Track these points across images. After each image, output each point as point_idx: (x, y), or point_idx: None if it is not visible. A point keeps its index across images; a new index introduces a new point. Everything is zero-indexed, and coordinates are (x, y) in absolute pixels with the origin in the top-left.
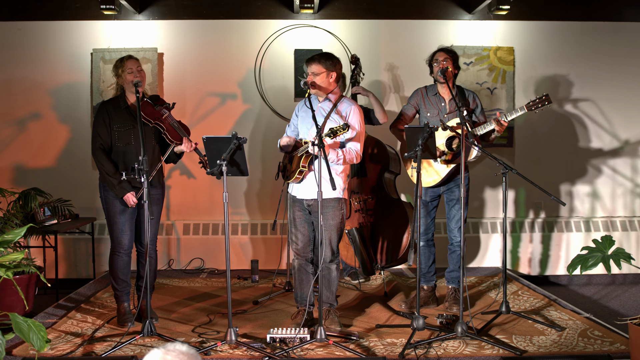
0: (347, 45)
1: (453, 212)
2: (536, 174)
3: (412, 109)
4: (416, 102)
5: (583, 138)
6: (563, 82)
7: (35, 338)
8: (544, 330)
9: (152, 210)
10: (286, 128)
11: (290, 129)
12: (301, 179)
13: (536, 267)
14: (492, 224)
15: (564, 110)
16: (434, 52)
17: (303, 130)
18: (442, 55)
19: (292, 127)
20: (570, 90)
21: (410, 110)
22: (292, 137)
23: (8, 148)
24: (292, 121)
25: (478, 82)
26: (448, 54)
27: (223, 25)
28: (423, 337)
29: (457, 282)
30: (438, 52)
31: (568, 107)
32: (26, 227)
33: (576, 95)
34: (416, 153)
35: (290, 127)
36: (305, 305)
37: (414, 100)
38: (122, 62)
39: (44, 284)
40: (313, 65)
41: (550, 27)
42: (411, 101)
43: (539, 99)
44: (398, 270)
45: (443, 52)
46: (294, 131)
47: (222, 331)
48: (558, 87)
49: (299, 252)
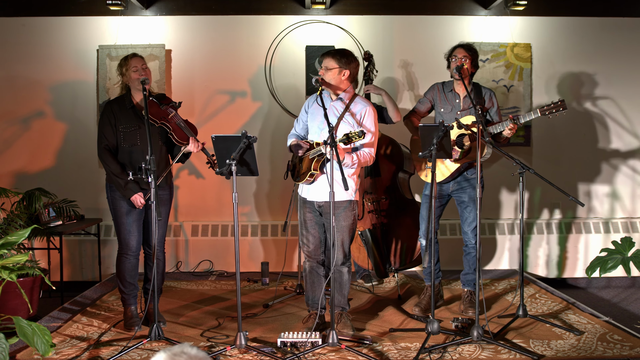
0: (359, 41)
1: (466, 214)
2: (554, 174)
3: (428, 103)
4: (432, 97)
5: (602, 137)
6: (582, 79)
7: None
8: (562, 334)
9: (159, 211)
10: (294, 123)
11: (299, 125)
12: (312, 181)
13: (553, 270)
14: (509, 225)
15: (583, 108)
16: (453, 47)
17: (314, 130)
18: (460, 52)
19: (301, 124)
20: (589, 88)
21: (425, 104)
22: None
23: (12, 147)
24: (300, 117)
25: (494, 80)
26: (467, 51)
27: (233, 21)
28: (438, 342)
29: (472, 284)
30: (457, 48)
31: (587, 105)
32: (30, 228)
33: (595, 93)
34: (430, 152)
35: (299, 124)
36: (316, 309)
37: (430, 95)
38: (127, 60)
39: (48, 286)
40: (327, 59)
41: (568, 23)
42: (427, 95)
43: (554, 104)
44: (412, 272)
45: (462, 49)
46: (303, 128)
47: (232, 335)
48: (577, 85)
49: (310, 254)
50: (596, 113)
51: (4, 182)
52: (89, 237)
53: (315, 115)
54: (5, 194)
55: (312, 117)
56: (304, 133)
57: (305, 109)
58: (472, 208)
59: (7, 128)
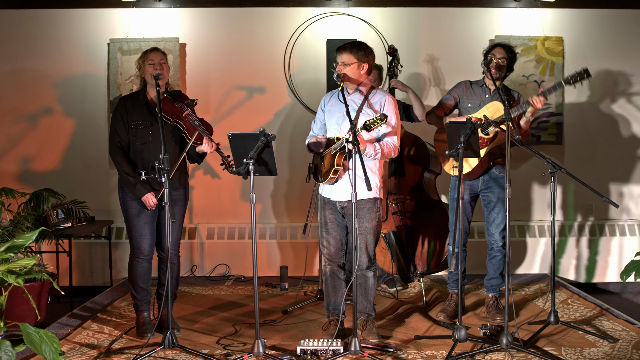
0: (383, 35)
1: (493, 215)
2: (587, 174)
3: (452, 100)
4: (457, 95)
5: (638, 135)
6: (616, 74)
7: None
8: (596, 341)
9: (173, 212)
10: (312, 125)
11: (317, 126)
12: (336, 179)
13: (583, 274)
14: (539, 227)
15: (618, 104)
16: (493, 45)
17: (332, 127)
18: (500, 52)
19: (319, 124)
20: (624, 83)
21: (450, 101)
22: (321, 135)
23: (18, 145)
24: (317, 117)
25: (524, 75)
26: (507, 52)
27: (250, 14)
28: (465, 349)
29: (497, 290)
30: (497, 47)
31: (621, 101)
32: (38, 230)
33: (630, 89)
34: (458, 151)
35: (317, 124)
36: (337, 315)
37: (456, 92)
38: (146, 53)
39: (57, 291)
40: (344, 55)
41: (602, 15)
42: (452, 92)
43: (577, 72)
44: (438, 277)
45: (502, 50)
46: (321, 128)
47: (249, 343)
48: (610, 80)
49: (330, 257)
50: (631, 110)
51: (10, 182)
52: (99, 240)
53: (333, 111)
54: (11, 195)
55: (329, 114)
56: (323, 133)
57: (321, 108)
58: (500, 209)
59: (14, 125)
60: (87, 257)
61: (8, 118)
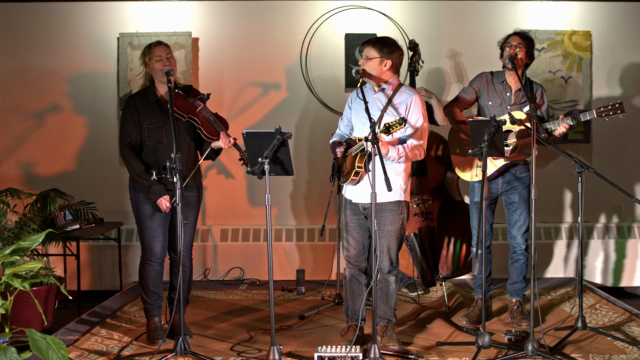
0: (404, 29)
1: (515, 216)
2: (616, 174)
3: (473, 93)
4: (478, 87)
5: None
6: None
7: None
8: (625, 348)
9: (185, 214)
10: (339, 122)
11: (344, 123)
12: (357, 181)
13: (610, 277)
14: (565, 229)
15: None
16: (508, 35)
17: (358, 126)
18: (515, 40)
19: (346, 122)
20: None
21: (470, 94)
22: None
23: (24, 144)
24: (344, 114)
25: (551, 71)
26: (523, 39)
27: (265, 7)
28: (489, 356)
29: (521, 294)
30: (512, 35)
31: None
32: (45, 232)
33: None
34: (481, 150)
35: (344, 122)
36: (356, 320)
37: (477, 85)
38: (150, 49)
39: (64, 296)
40: (367, 49)
41: (632, 9)
42: (473, 84)
43: (611, 106)
44: (461, 281)
45: (517, 37)
46: (347, 126)
47: (265, 349)
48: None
49: (350, 260)
50: None
51: (16, 183)
52: (108, 242)
53: (359, 110)
54: (17, 195)
55: (355, 113)
56: (349, 131)
57: (348, 105)
58: (522, 210)
59: (20, 123)
60: (96, 260)
61: (14, 116)
